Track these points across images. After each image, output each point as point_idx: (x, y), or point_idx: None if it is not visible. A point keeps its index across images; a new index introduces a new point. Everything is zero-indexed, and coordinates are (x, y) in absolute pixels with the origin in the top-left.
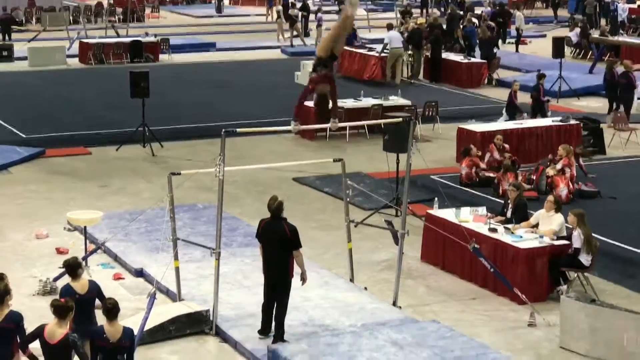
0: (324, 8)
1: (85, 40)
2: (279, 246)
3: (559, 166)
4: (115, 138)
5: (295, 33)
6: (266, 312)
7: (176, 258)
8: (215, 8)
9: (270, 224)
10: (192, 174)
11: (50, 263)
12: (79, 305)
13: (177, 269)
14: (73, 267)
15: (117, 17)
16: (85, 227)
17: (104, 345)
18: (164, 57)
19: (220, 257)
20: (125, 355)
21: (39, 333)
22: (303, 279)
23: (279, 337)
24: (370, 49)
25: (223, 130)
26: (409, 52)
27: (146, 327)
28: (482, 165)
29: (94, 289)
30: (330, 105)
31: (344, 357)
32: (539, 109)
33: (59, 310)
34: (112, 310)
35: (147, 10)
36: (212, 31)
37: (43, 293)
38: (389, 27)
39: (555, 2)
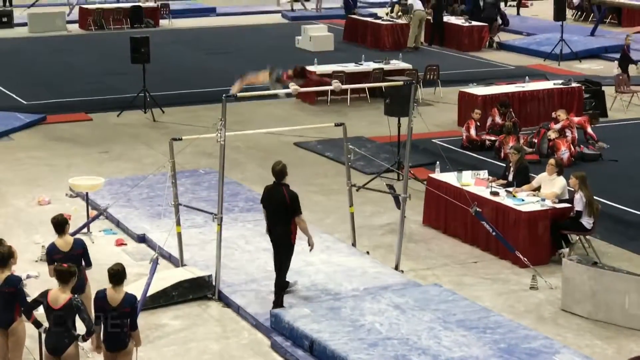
0: None
1: (85, 6)
2: (279, 211)
3: (557, 126)
4: (116, 104)
5: None
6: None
7: (178, 223)
8: None
9: (272, 189)
10: (194, 139)
11: (52, 229)
12: (64, 261)
13: (179, 235)
14: (60, 224)
15: None
16: (87, 193)
17: (105, 309)
18: (164, 23)
19: (222, 222)
20: (126, 320)
21: (42, 299)
22: (310, 244)
23: (279, 303)
24: (377, 17)
25: (224, 95)
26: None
27: (149, 293)
28: (472, 131)
29: (79, 246)
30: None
31: (347, 321)
32: None
33: (61, 275)
34: (114, 275)
35: None
36: None
37: (45, 259)
38: None
39: None
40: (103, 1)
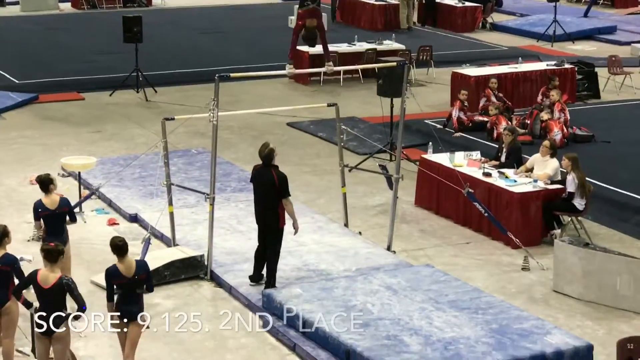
0: None
1: None
2: (268, 193)
3: (556, 115)
4: (109, 83)
5: None
6: (258, 259)
7: (170, 203)
8: None
9: (261, 170)
10: (186, 119)
11: None
12: (50, 218)
13: (171, 214)
14: (44, 182)
15: None
16: (79, 172)
17: (122, 282)
18: (157, 2)
19: (215, 202)
20: (144, 287)
21: (32, 279)
22: (294, 227)
23: (271, 285)
24: None
25: (217, 75)
26: None
27: None
28: (455, 112)
29: (65, 204)
30: (322, 48)
31: (339, 301)
32: None
33: (49, 255)
34: (121, 247)
35: None
36: None
37: (37, 238)
38: None
39: None
40: None
